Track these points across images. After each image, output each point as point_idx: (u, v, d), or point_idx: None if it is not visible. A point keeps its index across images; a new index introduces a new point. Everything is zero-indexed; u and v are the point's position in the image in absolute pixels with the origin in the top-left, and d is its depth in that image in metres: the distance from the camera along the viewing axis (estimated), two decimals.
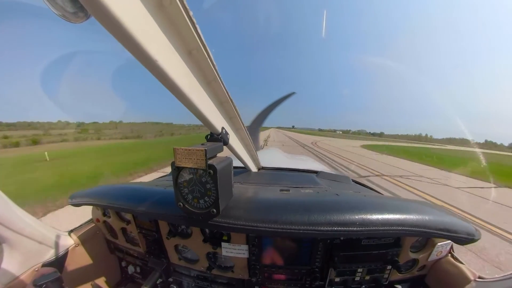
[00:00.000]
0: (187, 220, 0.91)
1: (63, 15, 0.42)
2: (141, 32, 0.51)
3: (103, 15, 0.44)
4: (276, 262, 1.10)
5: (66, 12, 0.42)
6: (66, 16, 0.42)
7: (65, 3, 0.41)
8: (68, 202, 1.31)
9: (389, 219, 0.86)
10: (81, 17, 0.44)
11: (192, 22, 0.61)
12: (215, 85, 0.87)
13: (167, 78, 0.62)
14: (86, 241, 1.38)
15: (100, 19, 0.46)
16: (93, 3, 0.40)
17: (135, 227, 1.30)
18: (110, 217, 1.36)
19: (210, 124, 0.92)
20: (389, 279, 1.09)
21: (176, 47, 0.64)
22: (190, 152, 0.74)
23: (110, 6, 0.42)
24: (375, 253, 1.02)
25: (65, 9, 0.41)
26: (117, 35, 0.50)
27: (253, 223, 0.86)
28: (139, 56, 0.55)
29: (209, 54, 0.72)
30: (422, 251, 1.09)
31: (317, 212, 0.88)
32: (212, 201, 0.80)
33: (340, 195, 1.13)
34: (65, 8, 0.41)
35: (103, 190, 1.28)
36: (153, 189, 1.19)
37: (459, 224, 0.93)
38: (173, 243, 1.23)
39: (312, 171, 2.10)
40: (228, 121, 1.13)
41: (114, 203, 1.13)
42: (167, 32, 0.60)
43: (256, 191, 1.21)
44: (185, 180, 0.80)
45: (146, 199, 1.05)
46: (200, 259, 1.21)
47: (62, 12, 0.41)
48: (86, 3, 0.41)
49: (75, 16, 0.43)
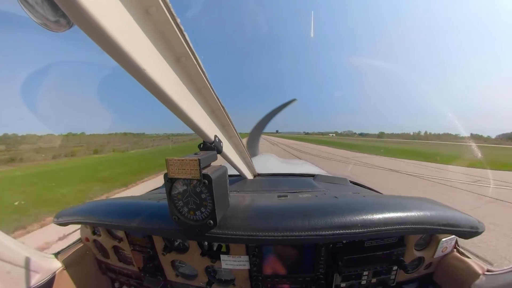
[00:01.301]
0: (183, 233, 0.87)
1: (44, 23, 0.40)
2: (127, 41, 0.49)
3: (86, 23, 0.42)
4: (278, 271, 1.06)
5: (47, 21, 0.40)
6: (48, 24, 0.40)
7: (46, 11, 0.39)
8: (53, 221, 1.24)
9: (391, 218, 0.85)
10: (64, 26, 0.42)
11: (180, 29, 0.60)
12: (206, 92, 0.86)
13: (156, 87, 0.61)
14: (74, 263, 1.30)
15: (83, 27, 0.44)
16: (75, 11, 0.39)
17: (128, 244, 1.24)
18: (101, 235, 1.30)
19: (202, 133, 0.90)
20: (396, 280, 1.07)
21: (164, 55, 0.63)
22: (183, 163, 0.72)
23: (94, 14, 0.40)
24: (380, 254, 1.00)
25: (46, 17, 0.39)
26: (102, 44, 0.48)
27: (252, 232, 0.83)
28: (126, 65, 0.54)
29: (198, 61, 0.71)
30: (427, 248, 1.08)
31: (317, 217, 0.86)
32: (209, 212, 0.77)
33: (339, 197, 1.12)
34: (46, 17, 0.39)
35: (92, 206, 1.22)
36: (145, 203, 1.15)
37: (461, 218, 0.93)
38: (169, 259, 1.18)
39: (309, 175, 2.09)
40: (221, 128, 1.12)
41: (104, 220, 1.07)
42: (155, 40, 0.58)
43: (253, 199, 1.19)
44: (179, 192, 0.77)
45: (138, 214, 1.01)
46: (199, 274, 1.16)
47: (43, 20, 0.40)
48: (68, 11, 0.40)
49: (57, 24, 0.41)
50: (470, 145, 46.32)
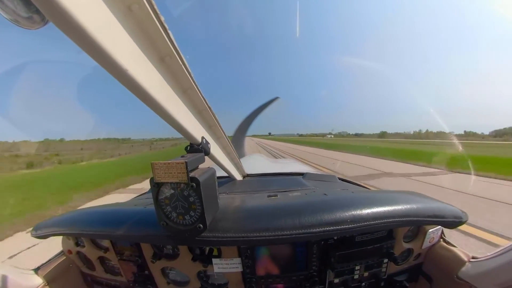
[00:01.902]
0: (173, 239, 0.85)
1: (15, 20, 0.37)
2: (108, 40, 0.47)
3: (62, 20, 0.40)
4: (272, 271, 1.06)
5: (19, 17, 0.37)
6: (19, 21, 0.38)
7: (17, 7, 0.36)
8: (31, 234, 1.17)
9: (379, 213, 0.87)
10: (37, 23, 0.39)
11: (164, 28, 0.58)
12: (192, 93, 0.84)
13: (140, 88, 0.59)
14: (57, 278, 1.22)
15: (59, 25, 0.41)
16: (50, 7, 0.36)
17: (114, 254, 1.19)
18: (85, 246, 1.23)
19: (189, 135, 0.88)
20: (387, 273, 1.10)
21: (148, 55, 0.61)
22: (169, 166, 0.69)
23: (71, 11, 0.38)
24: (370, 248, 1.02)
25: (17, 13, 0.37)
26: (81, 43, 0.45)
27: (244, 234, 0.82)
28: (107, 66, 0.51)
29: (183, 61, 0.69)
30: (415, 240, 1.12)
31: (308, 214, 0.87)
32: (198, 215, 0.75)
33: (329, 194, 1.14)
34: (17, 12, 0.37)
35: (73, 216, 1.16)
36: (131, 209, 1.10)
37: (445, 209, 0.97)
38: (159, 267, 1.14)
39: (298, 174, 2.10)
40: (208, 130, 1.10)
41: (88, 230, 1.02)
42: (137, 39, 0.56)
43: (243, 200, 1.18)
44: (166, 197, 0.75)
45: (125, 222, 0.97)
46: (191, 280, 1.13)
47: (14, 16, 0.37)
48: (42, 7, 0.37)
49: (30, 21, 0.38)
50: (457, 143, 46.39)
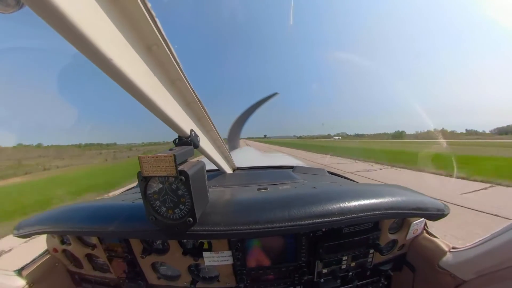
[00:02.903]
0: (163, 233, 0.84)
1: None
2: (91, 26, 0.45)
3: (40, 5, 0.37)
4: (262, 263, 1.07)
5: None
6: None
7: None
8: (13, 234, 1.12)
9: (366, 205, 0.89)
10: (12, 6, 0.37)
11: (151, 15, 0.56)
12: (180, 84, 0.82)
13: (125, 78, 0.57)
14: (42, 278, 1.19)
15: (36, 9, 0.39)
16: None
17: (102, 251, 1.16)
18: (71, 244, 1.20)
19: (177, 127, 0.86)
20: (373, 262, 1.14)
21: (134, 43, 0.59)
22: (157, 160, 0.68)
23: None
24: (357, 239, 1.05)
25: None
26: (61, 30, 0.43)
27: (234, 227, 0.83)
28: (90, 54, 0.49)
29: (171, 51, 0.67)
30: (400, 231, 1.16)
31: (297, 207, 0.88)
32: (187, 209, 0.75)
33: (317, 187, 1.16)
34: None
35: (58, 213, 1.12)
36: (119, 204, 1.08)
37: (428, 202, 1.01)
38: (149, 262, 1.13)
39: (288, 167, 2.13)
40: (197, 122, 1.08)
41: (73, 227, 0.99)
42: (122, 26, 0.54)
43: (233, 193, 1.18)
44: (155, 191, 0.73)
45: (112, 217, 0.95)
46: (182, 274, 1.12)
47: None
48: None
49: (4, 4, 0.36)
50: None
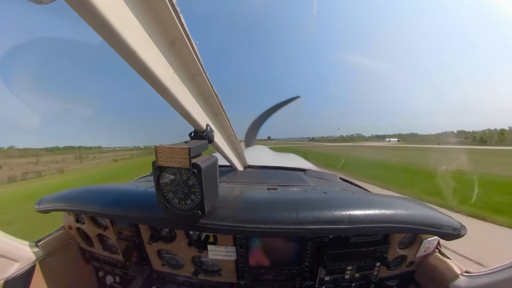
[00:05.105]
0: (171, 223, 0.86)
1: None
2: (118, 19, 0.47)
3: None
4: (264, 263, 1.07)
5: None
6: None
7: None
8: (34, 208, 1.19)
9: (377, 216, 0.86)
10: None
11: (175, 10, 0.57)
12: (199, 79, 0.83)
13: (147, 69, 0.58)
14: (57, 251, 1.26)
15: (71, 2, 0.41)
16: None
17: (113, 233, 1.21)
18: (85, 223, 1.26)
19: (193, 121, 0.88)
20: (378, 276, 1.10)
21: (157, 37, 0.60)
22: (172, 151, 0.70)
23: None
24: (364, 251, 1.02)
25: None
26: (91, 21, 0.45)
27: (240, 224, 0.83)
28: (116, 45, 0.51)
29: (193, 46, 0.68)
30: (410, 247, 1.11)
31: (305, 211, 0.87)
32: (197, 202, 0.76)
33: (328, 193, 1.13)
34: None
35: (75, 193, 1.18)
36: (132, 190, 1.12)
37: (444, 220, 0.95)
38: (155, 248, 1.16)
39: (300, 169, 2.10)
40: (213, 118, 1.09)
41: (88, 208, 1.04)
42: (148, 20, 0.55)
43: (242, 191, 1.18)
44: (168, 181, 0.75)
45: (125, 202, 0.98)
46: (185, 264, 1.15)
47: None
48: None
49: None
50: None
